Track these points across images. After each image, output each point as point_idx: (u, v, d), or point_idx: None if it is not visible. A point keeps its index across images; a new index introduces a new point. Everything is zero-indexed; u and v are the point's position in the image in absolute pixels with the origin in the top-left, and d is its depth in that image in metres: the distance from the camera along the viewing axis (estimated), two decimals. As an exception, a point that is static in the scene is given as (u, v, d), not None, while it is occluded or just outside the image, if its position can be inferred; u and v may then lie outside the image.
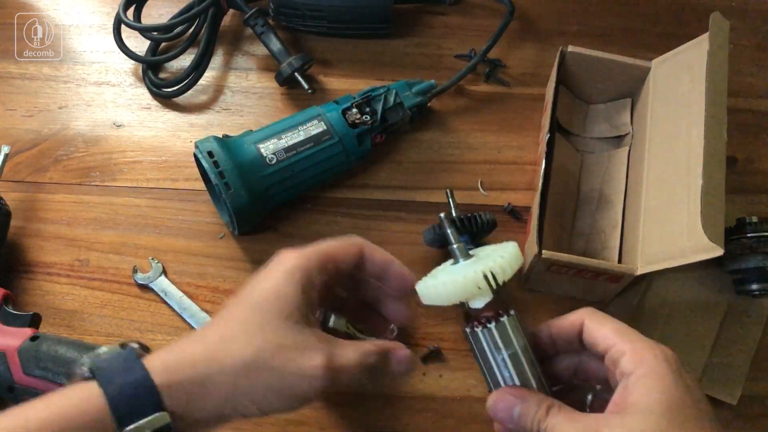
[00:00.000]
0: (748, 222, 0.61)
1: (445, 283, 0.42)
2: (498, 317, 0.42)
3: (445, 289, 0.42)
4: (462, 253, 0.46)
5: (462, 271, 0.42)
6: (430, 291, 0.43)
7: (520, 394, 0.40)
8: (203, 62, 0.74)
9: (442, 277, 0.43)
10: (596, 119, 0.73)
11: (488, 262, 0.42)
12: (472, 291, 0.41)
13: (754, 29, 0.81)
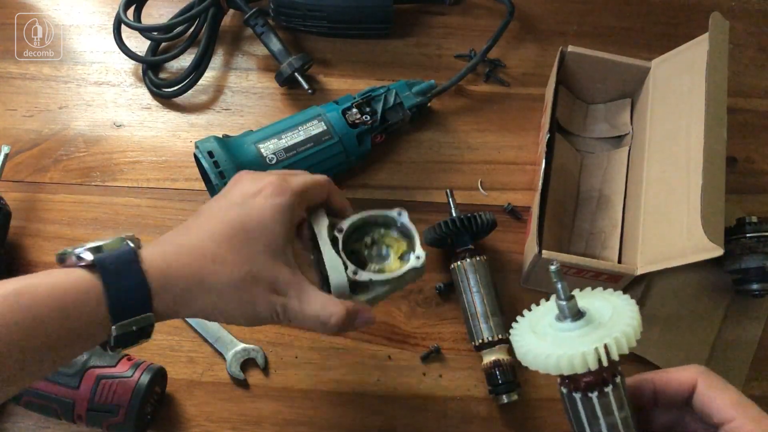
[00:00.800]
0: (747, 222, 0.61)
1: (549, 356, 0.36)
2: (602, 385, 0.37)
3: (547, 362, 0.36)
4: (572, 314, 0.38)
5: (572, 344, 0.37)
6: (529, 356, 0.38)
7: None
8: (203, 62, 0.74)
9: (547, 347, 0.37)
10: (596, 119, 0.73)
11: (605, 333, 0.36)
12: (581, 367, 0.35)
13: (754, 29, 0.81)
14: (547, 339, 0.38)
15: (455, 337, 0.63)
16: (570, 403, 0.38)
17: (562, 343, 0.37)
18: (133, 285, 0.40)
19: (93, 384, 0.53)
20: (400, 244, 0.52)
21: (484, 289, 0.61)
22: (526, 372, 0.62)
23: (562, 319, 0.38)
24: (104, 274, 0.39)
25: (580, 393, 0.37)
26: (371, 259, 0.51)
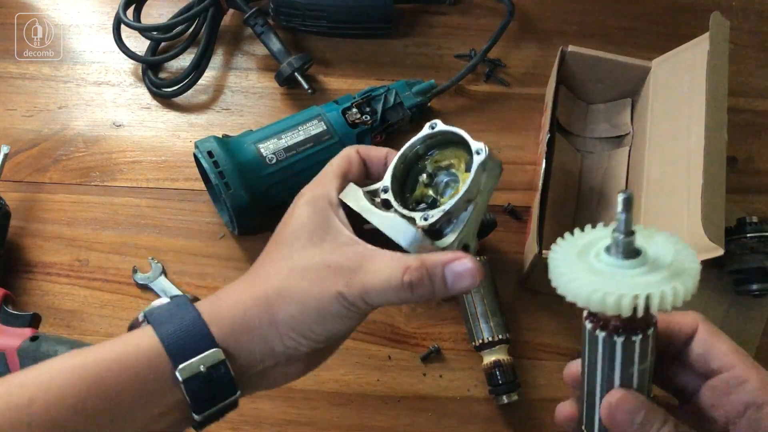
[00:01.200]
0: (748, 222, 0.61)
1: (582, 285, 0.32)
2: (632, 332, 0.34)
3: (577, 290, 0.32)
4: (626, 252, 0.33)
5: (614, 282, 0.32)
6: (561, 279, 0.33)
7: (649, 404, 0.34)
8: (203, 62, 0.74)
9: (585, 276, 0.33)
10: (596, 119, 0.73)
11: (654, 282, 0.32)
12: (613, 309, 0.31)
13: (754, 29, 0.81)
14: (588, 267, 0.34)
15: (455, 337, 0.63)
16: (590, 340, 0.35)
17: (603, 277, 0.33)
18: (184, 321, 0.37)
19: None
20: (457, 155, 0.43)
21: (484, 289, 0.61)
22: (527, 372, 0.62)
23: (613, 253, 0.33)
24: (152, 320, 0.37)
25: (604, 333, 0.34)
26: (445, 194, 0.42)
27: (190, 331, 0.36)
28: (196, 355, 0.36)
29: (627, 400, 0.34)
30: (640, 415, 0.34)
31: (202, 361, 0.36)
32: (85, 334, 0.62)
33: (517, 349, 0.62)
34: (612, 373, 0.35)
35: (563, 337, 0.63)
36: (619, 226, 0.33)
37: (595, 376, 0.35)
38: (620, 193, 0.33)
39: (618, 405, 0.34)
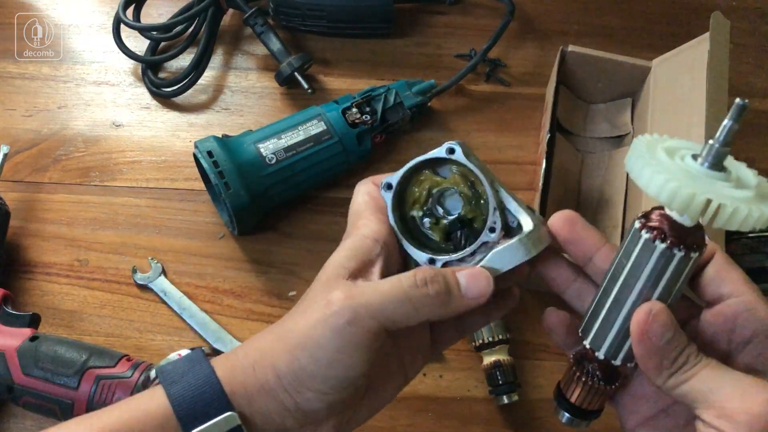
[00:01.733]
0: (748, 222, 0.61)
1: (658, 175, 0.30)
2: (676, 245, 0.32)
3: (652, 178, 0.30)
4: (715, 161, 0.32)
5: (692, 181, 0.31)
6: (638, 163, 0.32)
7: (677, 324, 0.33)
8: (203, 62, 0.74)
9: (664, 168, 0.31)
10: (597, 119, 0.73)
11: (732, 197, 0.30)
12: (680, 205, 0.30)
13: (755, 29, 0.81)
14: (670, 162, 0.32)
15: (455, 337, 0.63)
16: (642, 250, 0.33)
17: (684, 174, 0.31)
18: (196, 380, 0.34)
19: (92, 384, 0.53)
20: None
21: (484, 290, 0.61)
22: (527, 373, 0.62)
23: (700, 161, 0.32)
24: (163, 377, 0.34)
25: (665, 245, 0.32)
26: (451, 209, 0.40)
27: (202, 392, 0.33)
28: (208, 420, 0.33)
29: (666, 314, 0.33)
30: (670, 332, 0.32)
31: (216, 427, 0.33)
32: (84, 334, 0.62)
33: (517, 349, 0.62)
34: (655, 287, 0.33)
35: (563, 337, 0.63)
36: (720, 134, 0.31)
37: (631, 287, 0.34)
38: (738, 99, 0.32)
39: (657, 316, 0.33)
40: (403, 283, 0.34)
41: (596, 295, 0.36)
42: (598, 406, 0.38)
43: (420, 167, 0.39)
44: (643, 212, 0.34)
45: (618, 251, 0.35)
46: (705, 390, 0.31)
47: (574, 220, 0.37)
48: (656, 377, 0.33)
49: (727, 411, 0.30)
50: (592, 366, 0.37)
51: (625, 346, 0.35)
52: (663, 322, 0.32)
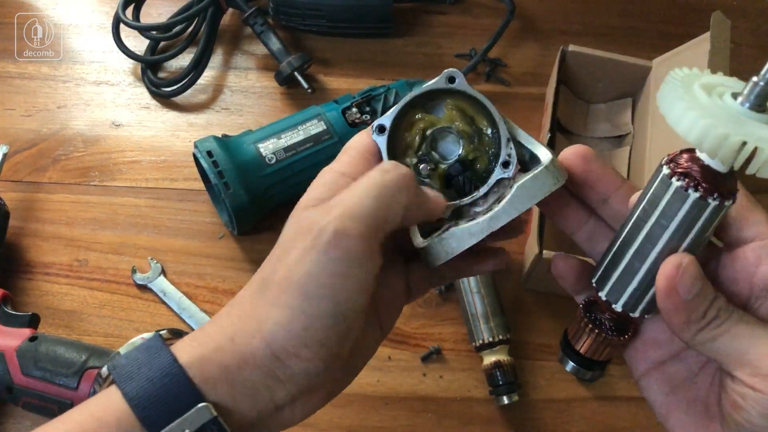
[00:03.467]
0: (749, 222, 0.61)
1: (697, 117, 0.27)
2: (710, 192, 0.30)
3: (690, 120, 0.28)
4: (759, 101, 0.29)
5: (731, 124, 0.28)
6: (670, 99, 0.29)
7: (705, 276, 0.31)
8: (202, 61, 0.74)
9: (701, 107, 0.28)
10: (597, 119, 0.73)
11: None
12: (718, 151, 0.27)
13: (755, 28, 0.81)
14: (706, 100, 0.29)
15: (456, 337, 0.63)
16: (674, 198, 0.30)
17: (718, 113, 0.28)
18: (156, 371, 0.29)
19: (92, 384, 0.53)
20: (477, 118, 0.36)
21: (484, 290, 0.61)
22: (527, 373, 0.61)
23: (741, 100, 0.29)
24: (117, 375, 0.29)
25: (698, 193, 0.29)
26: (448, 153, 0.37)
27: (165, 385, 0.29)
28: (177, 417, 0.28)
29: (695, 266, 0.30)
30: (698, 285, 0.30)
31: (185, 424, 0.28)
32: (84, 335, 0.62)
33: (517, 349, 0.62)
34: (683, 238, 0.31)
35: (564, 337, 0.63)
36: (765, 72, 0.28)
37: (657, 237, 0.31)
38: None
39: (687, 269, 0.30)
40: (371, 176, 0.31)
41: (615, 243, 0.33)
42: (606, 356, 0.36)
43: (415, 103, 0.36)
44: (670, 155, 0.31)
45: (642, 197, 0.32)
46: (738, 347, 0.29)
47: (588, 156, 0.34)
48: (683, 332, 0.30)
49: (764, 369, 0.28)
50: (603, 317, 0.35)
51: (645, 298, 0.33)
52: (693, 274, 0.30)
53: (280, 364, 0.30)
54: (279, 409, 0.31)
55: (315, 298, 0.29)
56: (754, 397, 0.29)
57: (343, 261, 0.29)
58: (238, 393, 0.30)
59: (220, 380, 0.29)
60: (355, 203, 0.30)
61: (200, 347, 0.30)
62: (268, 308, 0.30)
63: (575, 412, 0.60)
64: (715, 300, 0.30)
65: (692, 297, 0.30)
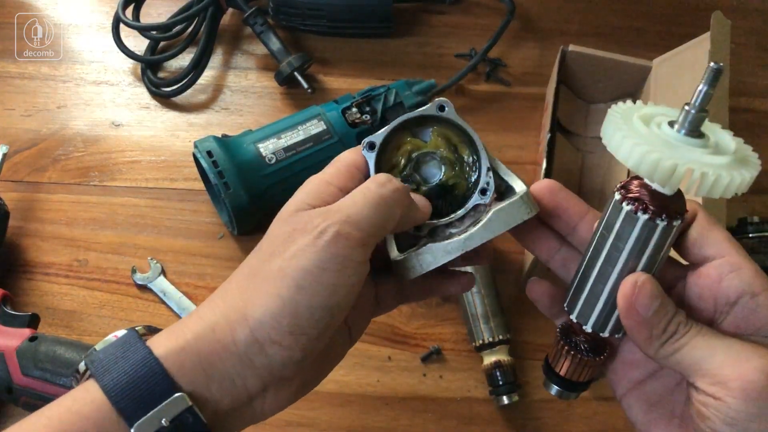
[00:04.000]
0: (749, 222, 0.61)
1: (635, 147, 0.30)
2: (658, 215, 0.31)
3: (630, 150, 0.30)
4: (692, 127, 0.31)
5: (670, 151, 0.30)
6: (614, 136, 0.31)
7: (664, 293, 0.32)
8: (202, 61, 0.74)
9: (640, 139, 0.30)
10: (597, 119, 0.73)
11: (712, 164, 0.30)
12: (661, 177, 0.29)
13: (755, 28, 0.81)
14: (648, 132, 0.31)
15: (456, 337, 0.63)
16: (625, 222, 0.32)
17: (660, 145, 0.30)
18: (132, 364, 0.30)
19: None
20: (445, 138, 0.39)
21: (484, 290, 0.61)
22: (527, 373, 0.61)
23: (677, 128, 0.31)
24: (94, 368, 0.30)
25: (631, 206, 0.32)
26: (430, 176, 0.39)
27: (141, 377, 0.30)
28: (153, 407, 0.29)
29: (652, 284, 0.32)
30: (657, 302, 0.32)
31: (161, 413, 0.29)
32: (84, 335, 0.62)
33: (517, 349, 0.62)
34: (639, 258, 0.33)
35: (564, 337, 0.63)
36: (696, 99, 0.30)
37: (615, 259, 0.33)
38: (712, 63, 0.30)
39: (643, 287, 0.32)
40: (370, 188, 0.34)
41: (579, 268, 0.35)
42: (587, 377, 0.37)
43: (405, 126, 0.38)
44: (622, 182, 0.33)
45: (599, 223, 0.34)
46: (697, 358, 0.31)
47: (555, 189, 0.36)
48: (647, 348, 0.32)
49: (721, 378, 0.30)
50: (578, 339, 0.37)
51: (612, 318, 0.34)
52: (650, 292, 0.32)
53: (259, 351, 0.31)
54: (251, 399, 0.32)
55: (308, 292, 0.31)
56: (715, 405, 0.30)
57: (340, 262, 0.31)
58: (213, 381, 0.31)
59: (196, 370, 0.31)
60: (356, 211, 0.32)
61: (177, 339, 0.31)
62: (258, 296, 0.32)
63: (575, 412, 0.60)
64: (675, 315, 0.32)
65: (651, 313, 0.32)
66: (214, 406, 0.31)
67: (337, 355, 0.38)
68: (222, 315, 0.32)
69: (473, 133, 0.37)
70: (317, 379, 0.37)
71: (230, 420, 0.32)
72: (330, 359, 0.38)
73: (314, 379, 0.37)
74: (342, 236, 0.32)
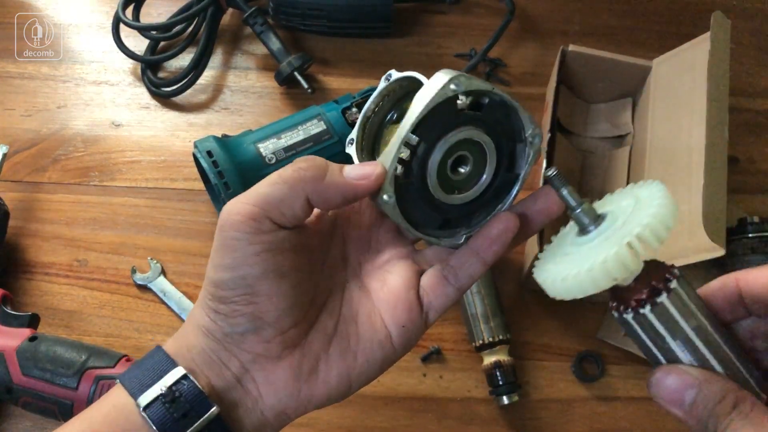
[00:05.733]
0: (749, 222, 0.61)
1: (578, 276, 0.30)
2: (654, 295, 0.30)
3: (579, 282, 0.30)
4: (591, 219, 0.32)
5: (598, 251, 0.30)
6: (558, 286, 0.32)
7: (701, 376, 0.29)
8: (202, 61, 0.74)
9: (572, 267, 0.31)
10: (597, 119, 0.73)
11: (632, 226, 0.30)
12: (618, 274, 0.29)
13: (755, 28, 0.81)
14: (569, 259, 0.32)
15: (456, 337, 0.63)
16: (626, 328, 0.31)
17: (584, 259, 0.31)
18: (149, 358, 0.36)
19: (92, 385, 0.53)
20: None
21: (484, 290, 0.61)
22: (527, 373, 0.61)
23: (582, 232, 0.32)
24: (121, 375, 0.36)
25: (631, 312, 0.30)
26: None
27: (151, 365, 0.35)
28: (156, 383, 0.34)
29: (672, 375, 0.30)
30: (690, 393, 0.29)
31: (161, 382, 0.34)
32: (84, 335, 0.62)
33: (517, 349, 0.62)
34: (648, 352, 0.31)
35: (564, 337, 0.63)
36: (568, 203, 0.33)
37: (651, 357, 0.32)
38: (546, 170, 0.33)
39: (660, 382, 0.30)
40: (280, 170, 0.35)
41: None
42: None
43: (376, 115, 0.39)
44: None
45: None
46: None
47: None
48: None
49: None
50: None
51: None
52: (674, 387, 0.30)
53: (213, 323, 0.35)
54: (240, 381, 0.35)
55: (218, 266, 0.34)
56: None
57: (234, 237, 0.33)
58: (201, 361, 0.35)
59: (186, 354, 0.35)
60: (253, 190, 0.34)
61: (176, 336, 0.37)
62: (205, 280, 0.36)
63: (575, 412, 0.60)
64: (723, 400, 0.29)
65: (687, 408, 0.29)
66: (206, 381, 0.35)
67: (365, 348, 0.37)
68: (198, 300, 0.37)
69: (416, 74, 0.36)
70: (331, 368, 0.37)
71: (229, 397, 0.35)
72: (332, 341, 0.37)
73: (316, 363, 0.36)
74: (232, 212, 0.33)
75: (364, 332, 0.37)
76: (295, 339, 0.36)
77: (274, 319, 0.35)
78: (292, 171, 0.34)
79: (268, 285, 0.34)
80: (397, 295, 0.38)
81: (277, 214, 0.34)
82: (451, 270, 0.38)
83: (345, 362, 0.37)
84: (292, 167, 0.35)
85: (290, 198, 0.34)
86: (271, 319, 0.34)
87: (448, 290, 0.38)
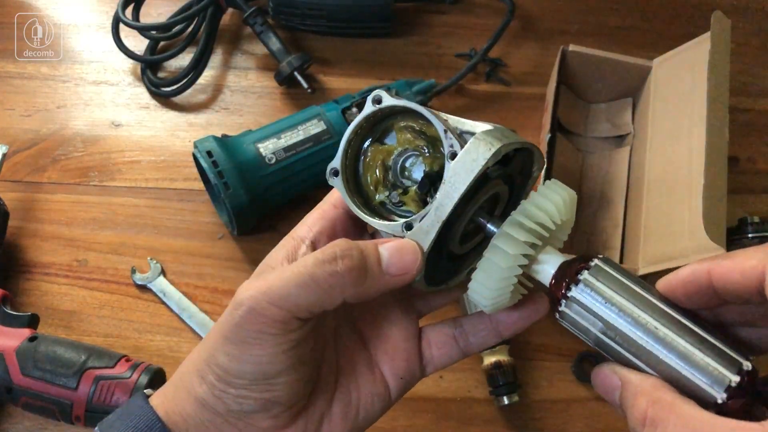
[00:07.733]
0: (749, 222, 0.61)
1: (482, 281, 0.31)
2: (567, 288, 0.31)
3: (485, 287, 0.31)
4: (493, 224, 0.33)
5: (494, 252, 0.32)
6: (476, 296, 0.33)
7: (623, 377, 0.30)
8: (202, 61, 0.74)
9: (477, 274, 0.32)
10: (597, 119, 0.73)
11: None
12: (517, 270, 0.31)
13: (756, 28, 0.81)
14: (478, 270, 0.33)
15: (455, 337, 0.63)
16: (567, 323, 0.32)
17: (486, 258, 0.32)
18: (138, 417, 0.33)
19: (91, 385, 0.53)
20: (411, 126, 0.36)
21: (484, 290, 0.61)
22: (527, 373, 0.61)
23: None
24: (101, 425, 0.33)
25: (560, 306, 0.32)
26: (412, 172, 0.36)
27: (137, 425, 0.33)
28: None
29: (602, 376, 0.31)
30: (616, 395, 0.30)
31: None
32: (83, 335, 0.62)
33: (517, 349, 0.62)
34: (602, 346, 0.31)
35: (564, 337, 0.63)
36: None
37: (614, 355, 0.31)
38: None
39: (594, 381, 0.31)
40: (308, 263, 0.31)
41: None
42: None
43: (364, 138, 0.35)
44: None
45: None
46: None
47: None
48: None
49: None
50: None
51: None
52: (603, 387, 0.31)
53: (218, 400, 0.33)
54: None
55: (233, 358, 0.32)
56: None
57: (254, 337, 0.31)
58: (191, 427, 0.33)
59: (180, 423, 0.33)
60: (280, 287, 0.31)
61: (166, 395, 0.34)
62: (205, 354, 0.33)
63: (575, 412, 0.60)
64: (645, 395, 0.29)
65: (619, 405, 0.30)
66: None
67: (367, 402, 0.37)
68: (190, 366, 0.34)
69: (414, 105, 0.33)
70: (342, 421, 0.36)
71: None
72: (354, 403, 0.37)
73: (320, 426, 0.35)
74: (256, 312, 0.31)
75: (363, 385, 0.36)
76: (301, 407, 0.34)
77: (286, 400, 0.33)
78: (327, 273, 0.31)
79: (288, 375, 0.32)
80: (395, 345, 0.37)
81: (307, 314, 0.31)
82: (462, 333, 0.37)
83: (347, 421, 0.36)
84: (327, 266, 0.31)
85: (325, 302, 0.31)
86: (284, 401, 0.33)
87: (453, 351, 0.37)
